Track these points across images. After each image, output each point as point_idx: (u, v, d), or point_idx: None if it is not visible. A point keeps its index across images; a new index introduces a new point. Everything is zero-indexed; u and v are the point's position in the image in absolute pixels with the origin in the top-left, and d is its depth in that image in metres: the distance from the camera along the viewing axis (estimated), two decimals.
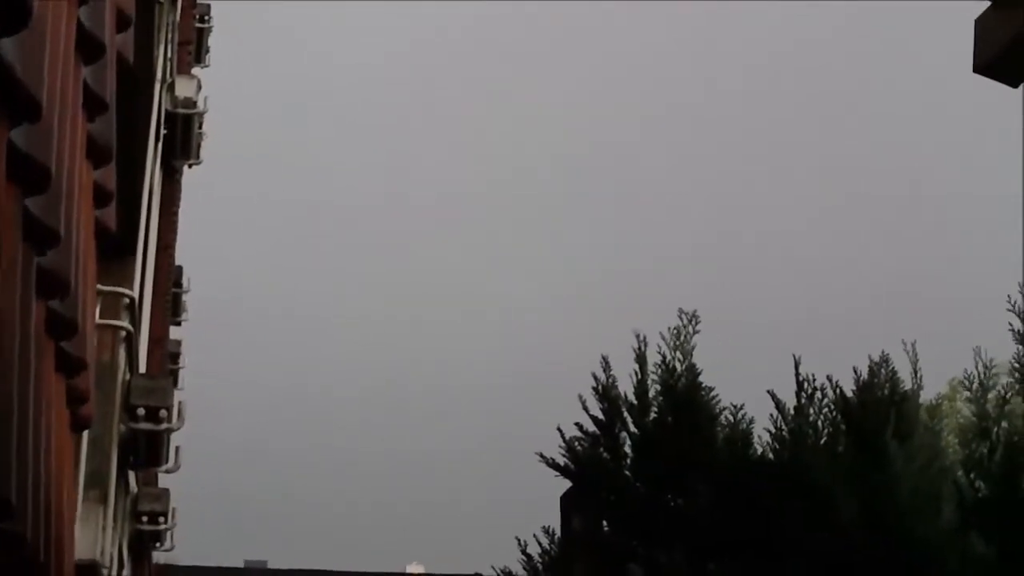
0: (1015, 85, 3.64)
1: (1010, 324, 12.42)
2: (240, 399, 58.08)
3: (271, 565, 40.50)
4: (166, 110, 13.62)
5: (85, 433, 8.28)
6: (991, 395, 12.82)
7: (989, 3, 3.67)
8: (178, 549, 17.04)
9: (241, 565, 40.36)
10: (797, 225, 59.86)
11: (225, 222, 67.52)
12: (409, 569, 40.10)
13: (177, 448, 13.07)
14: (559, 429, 13.79)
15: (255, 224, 70.68)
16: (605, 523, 13.69)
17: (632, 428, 13.61)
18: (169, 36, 12.65)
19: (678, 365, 13.40)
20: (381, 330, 67.44)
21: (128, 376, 10.00)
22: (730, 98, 70.49)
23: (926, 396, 13.38)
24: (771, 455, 12.88)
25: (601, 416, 13.74)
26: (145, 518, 12.55)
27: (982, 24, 3.66)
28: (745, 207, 64.00)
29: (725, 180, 66.92)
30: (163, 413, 10.39)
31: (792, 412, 12.80)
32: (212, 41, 17.84)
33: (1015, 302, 12.35)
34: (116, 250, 9.72)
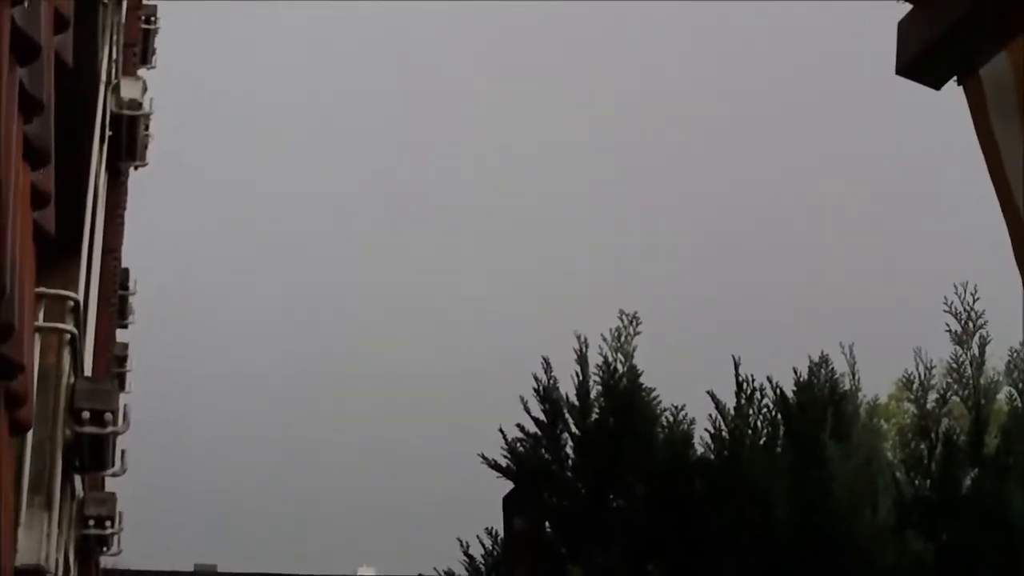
0: (937, 87, 3.72)
1: (947, 325, 12.60)
2: (191, 401, 57.77)
3: (221, 569, 40.30)
4: (111, 112, 13.56)
5: (29, 437, 8.24)
6: (931, 395, 13.00)
7: (912, 5, 3.75)
8: (126, 553, 16.96)
9: (191, 569, 40.15)
10: (772, 227, 60.17)
11: (192, 217, 67.27)
12: (360, 571, 40.04)
13: (123, 451, 13.02)
14: (501, 430, 13.85)
15: (226, 217, 70.28)
16: (547, 524, 13.75)
17: (573, 429, 13.69)
18: (114, 38, 12.60)
19: (619, 366, 13.49)
20: (335, 326, 67.28)
21: (72, 379, 9.94)
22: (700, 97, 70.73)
23: (881, 396, 13.52)
24: (711, 456, 12.97)
25: (543, 417, 13.81)
26: (91, 522, 12.50)
27: (904, 26, 3.74)
28: (723, 207, 64.29)
29: (698, 179, 67.23)
30: (108, 416, 10.34)
31: (732, 413, 12.90)
32: (158, 43, 17.77)
33: (951, 303, 12.53)
34: (60, 253, 9.68)
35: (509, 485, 14.07)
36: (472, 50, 78.20)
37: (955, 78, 3.70)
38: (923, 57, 3.65)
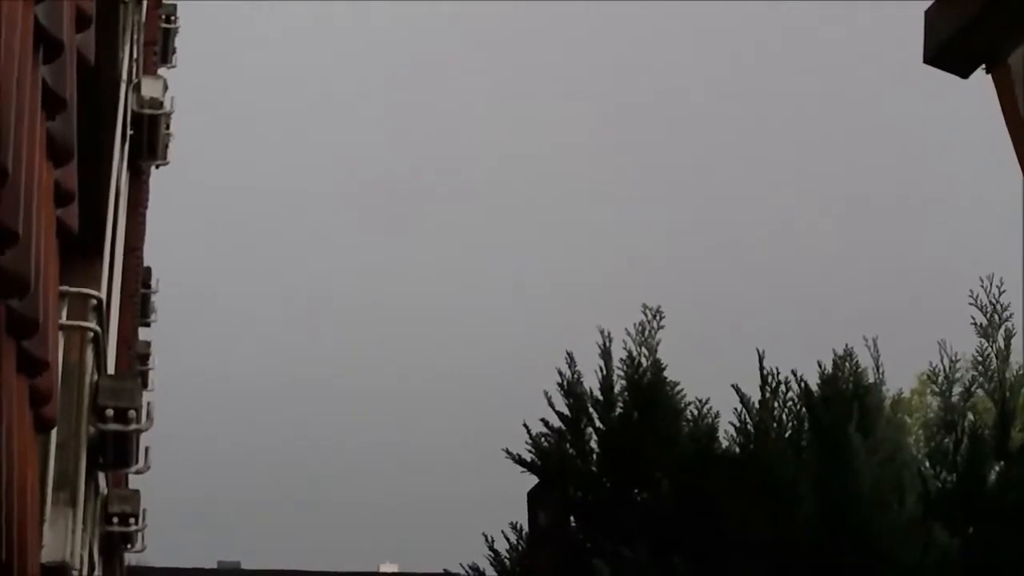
0: (965, 76, 3.69)
1: (972, 318, 12.55)
2: (212, 398, 58.00)
3: (244, 566, 40.40)
4: (132, 111, 13.60)
5: (53, 435, 8.27)
6: (956, 388, 12.95)
7: None
8: (149, 550, 17.00)
9: (214, 566, 40.25)
10: (773, 227, 60.09)
11: (200, 218, 67.40)
12: (383, 568, 40.10)
13: (147, 449, 13.04)
14: (525, 425, 13.86)
15: (226, 218, 70.48)
16: (572, 519, 13.75)
17: (598, 424, 13.68)
18: (135, 36, 12.62)
19: (643, 361, 13.48)
20: (354, 324, 67.40)
21: (96, 377, 9.97)
22: (714, 95, 70.65)
23: (904, 390, 13.46)
24: (736, 449, 12.94)
25: (567, 412, 13.81)
26: (115, 519, 12.52)
27: (931, 15, 3.72)
28: (722, 203, 64.21)
29: (705, 178, 67.14)
30: (132, 414, 10.37)
31: (757, 406, 12.87)
32: (179, 42, 17.80)
33: (976, 296, 12.48)
34: (83, 251, 9.71)
35: (533, 480, 14.08)
36: (480, 50, 78.30)
37: (983, 66, 3.67)
38: (950, 46, 3.63)
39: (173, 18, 17.32)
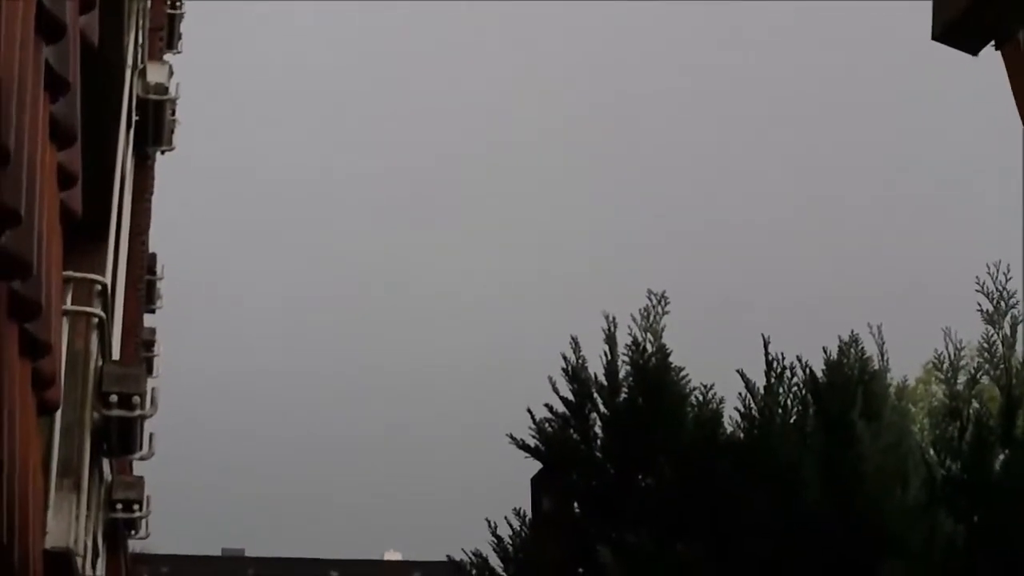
0: (974, 53, 3.64)
1: (978, 304, 12.51)
2: (218, 386, 58.09)
3: (248, 553, 40.54)
4: (137, 96, 13.57)
5: (57, 421, 8.26)
6: (961, 376, 12.91)
7: None
8: (154, 537, 17.04)
9: (218, 553, 40.40)
10: (779, 214, 60.15)
11: (207, 204, 67.57)
12: (386, 556, 40.27)
13: (151, 435, 13.02)
14: (529, 411, 13.85)
15: (229, 209, 70.60)
16: (575, 504, 13.73)
17: (602, 409, 13.66)
18: (140, 22, 12.60)
19: (648, 346, 13.46)
20: (357, 315, 67.52)
21: (101, 363, 9.96)
22: (716, 86, 70.72)
23: (909, 380, 13.39)
24: (741, 435, 12.93)
25: (571, 397, 13.79)
26: (120, 506, 12.53)
27: None
28: (727, 197, 64.28)
29: (708, 170, 67.21)
30: (136, 400, 10.36)
31: (761, 392, 12.85)
32: (184, 27, 17.77)
33: (983, 283, 12.44)
34: (88, 236, 9.71)
35: (537, 466, 14.06)
36: (477, 48, 78.40)
37: (992, 43, 3.63)
38: (960, 22, 3.57)
39: (179, 3, 17.28)
